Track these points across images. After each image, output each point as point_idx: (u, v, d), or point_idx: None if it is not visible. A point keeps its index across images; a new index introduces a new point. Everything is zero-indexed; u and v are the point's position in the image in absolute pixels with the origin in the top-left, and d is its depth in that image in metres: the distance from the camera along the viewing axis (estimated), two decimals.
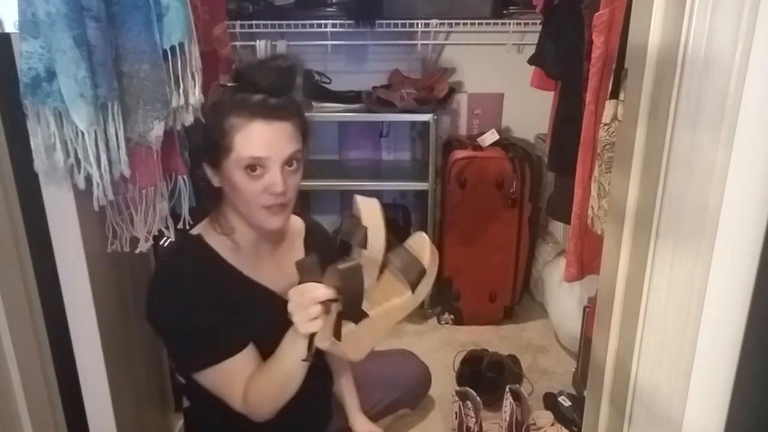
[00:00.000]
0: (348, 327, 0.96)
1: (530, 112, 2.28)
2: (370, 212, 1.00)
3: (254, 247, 1.14)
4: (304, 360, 0.98)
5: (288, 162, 1.03)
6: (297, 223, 1.27)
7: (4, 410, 0.90)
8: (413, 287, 0.98)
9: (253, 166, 1.00)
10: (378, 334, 1.00)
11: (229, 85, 1.08)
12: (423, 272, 0.98)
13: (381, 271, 1.00)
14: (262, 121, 1.01)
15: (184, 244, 1.11)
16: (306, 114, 1.11)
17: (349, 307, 0.93)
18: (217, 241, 1.10)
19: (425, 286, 1.00)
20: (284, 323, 1.11)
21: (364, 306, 0.95)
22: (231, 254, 1.11)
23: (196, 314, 1.04)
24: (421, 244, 1.00)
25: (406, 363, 1.65)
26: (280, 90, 1.04)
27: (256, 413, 1.07)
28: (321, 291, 0.93)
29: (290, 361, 1.01)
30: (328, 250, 1.07)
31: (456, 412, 1.58)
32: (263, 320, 1.09)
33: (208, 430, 1.25)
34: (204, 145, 1.05)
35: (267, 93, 1.02)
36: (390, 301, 0.99)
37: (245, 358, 1.06)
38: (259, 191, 1.02)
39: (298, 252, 1.23)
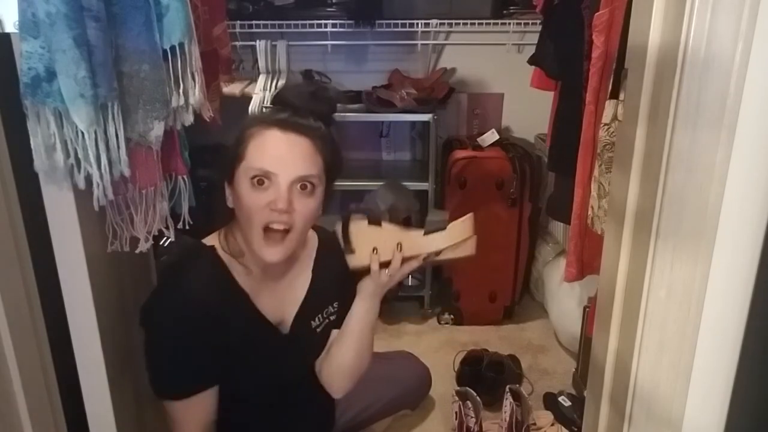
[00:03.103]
0: (358, 225, 1.03)
1: (530, 112, 2.28)
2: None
3: (262, 272, 1.07)
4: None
5: (301, 183, 0.96)
6: (310, 242, 1.18)
7: (4, 410, 0.90)
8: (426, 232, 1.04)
9: (260, 179, 0.94)
10: (379, 244, 1.04)
11: (267, 106, 1.07)
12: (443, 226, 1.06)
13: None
14: (278, 131, 0.96)
15: (197, 254, 1.06)
16: (337, 151, 1.06)
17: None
18: (228, 257, 1.05)
19: (440, 239, 1.06)
20: (266, 358, 1.11)
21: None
22: (241, 273, 1.06)
23: (189, 339, 1.00)
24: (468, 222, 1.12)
25: (407, 365, 1.65)
26: (312, 114, 1.00)
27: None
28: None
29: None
30: (339, 268, 1.06)
31: (456, 412, 1.58)
32: (246, 353, 1.08)
33: None
34: (225, 161, 1.00)
35: (295, 112, 0.99)
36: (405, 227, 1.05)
37: (213, 396, 1.05)
38: (262, 205, 0.95)
39: (306, 277, 1.15)
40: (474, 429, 1.53)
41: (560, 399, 1.72)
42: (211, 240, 1.07)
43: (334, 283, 1.16)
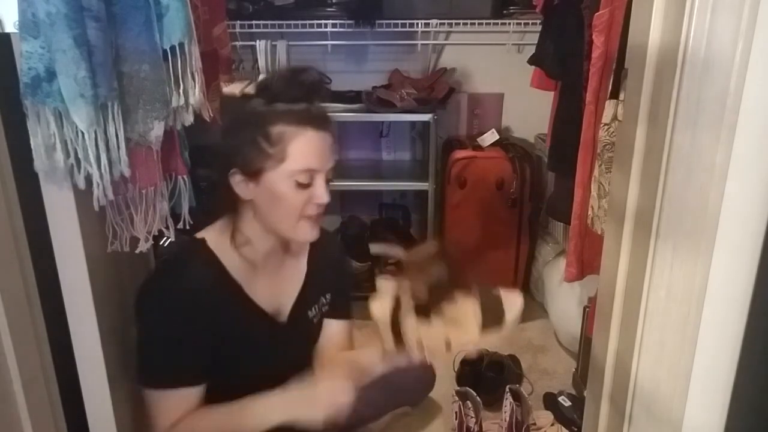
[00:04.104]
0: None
1: (530, 112, 2.28)
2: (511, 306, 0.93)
3: (262, 262, 1.09)
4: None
5: (328, 174, 1.03)
6: None
7: (4, 410, 0.90)
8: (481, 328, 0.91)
9: (306, 177, 0.99)
10: (425, 339, 0.92)
11: (250, 95, 1.04)
12: (498, 326, 0.92)
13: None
14: (313, 131, 0.99)
15: (185, 249, 1.08)
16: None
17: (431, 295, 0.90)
18: (221, 249, 1.05)
19: (493, 339, 0.92)
20: (266, 348, 1.10)
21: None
22: (234, 265, 1.06)
23: (178, 329, 1.01)
24: (513, 300, 0.94)
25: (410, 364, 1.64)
26: (312, 99, 1.02)
27: None
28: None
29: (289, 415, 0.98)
30: (333, 259, 1.06)
31: (456, 412, 1.58)
32: (245, 343, 1.08)
33: None
34: (239, 157, 0.99)
35: (301, 101, 1.00)
36: (454, 325, 0.92)
37: (194, 395, 1.03)
38: (303, 202, 1.00)
39: (302, 269, 1.18)
40: (474, 429, 1.53)
41: (560, 399, 1.71)
42: (204, 233, 1.07)
43: (329, 274, 1.19)
